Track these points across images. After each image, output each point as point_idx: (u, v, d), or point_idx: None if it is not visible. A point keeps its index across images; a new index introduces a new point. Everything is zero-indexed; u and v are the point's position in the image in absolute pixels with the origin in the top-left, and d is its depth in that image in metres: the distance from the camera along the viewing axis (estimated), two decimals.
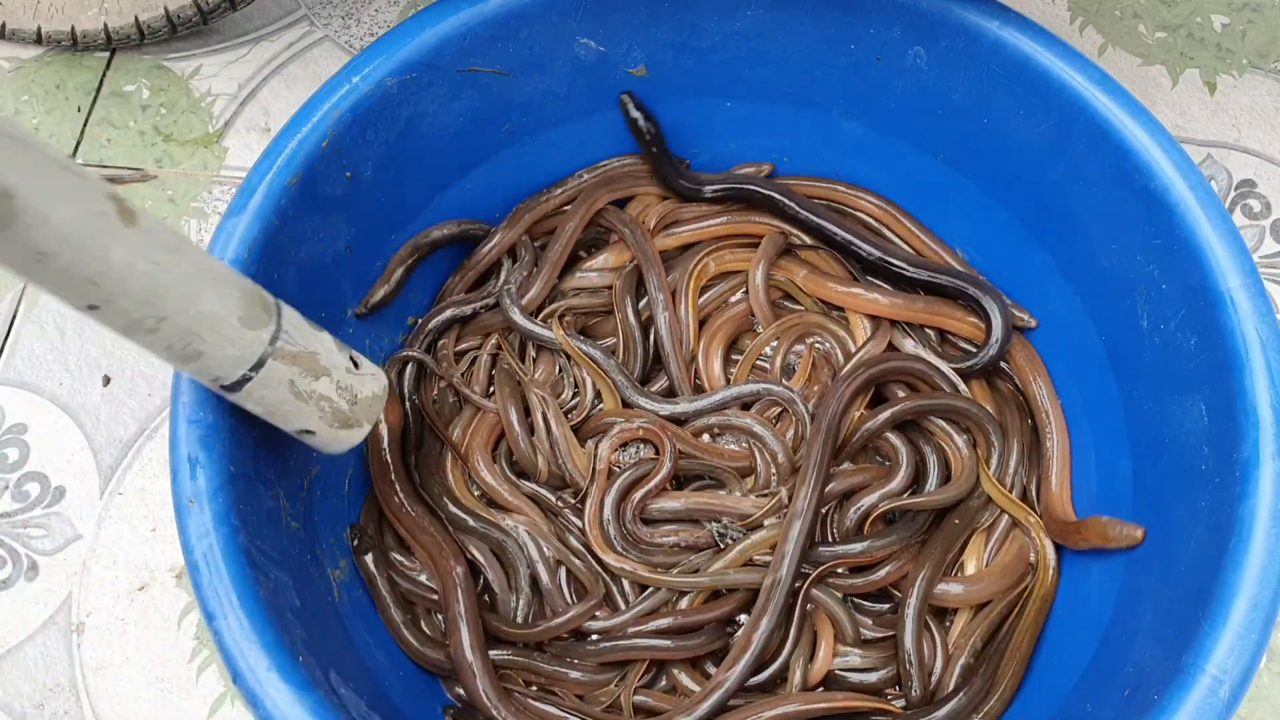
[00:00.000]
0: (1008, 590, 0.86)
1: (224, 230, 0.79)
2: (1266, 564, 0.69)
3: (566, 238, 0.96)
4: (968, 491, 0.89)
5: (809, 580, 0.85)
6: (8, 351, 1.07)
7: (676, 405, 0.91)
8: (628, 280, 0.96)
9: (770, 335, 0.95)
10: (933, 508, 0.88)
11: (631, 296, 0.96)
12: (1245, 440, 0.72)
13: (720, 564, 0.85)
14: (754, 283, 0.96)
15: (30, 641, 0.95)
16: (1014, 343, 0.94)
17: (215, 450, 0.72)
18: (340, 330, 0.89)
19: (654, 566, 0.85)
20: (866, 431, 0.90)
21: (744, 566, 0.86)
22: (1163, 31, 1.25)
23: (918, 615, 0.84)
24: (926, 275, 0.95)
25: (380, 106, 0.85)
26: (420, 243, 0.93)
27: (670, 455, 0.87)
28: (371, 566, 0.86)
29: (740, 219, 0.99)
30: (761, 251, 0.97)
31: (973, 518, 0.88)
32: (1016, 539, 0.89)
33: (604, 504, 0.87)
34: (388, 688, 0.80)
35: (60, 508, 1.00)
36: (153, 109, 1.19)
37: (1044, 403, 0.92)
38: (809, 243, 0.99)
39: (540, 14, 0.88)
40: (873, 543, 0.86)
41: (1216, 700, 0.66)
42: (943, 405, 0.91)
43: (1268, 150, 1.18)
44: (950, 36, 0.88)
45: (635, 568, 0.85)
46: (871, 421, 0.90)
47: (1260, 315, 0.75)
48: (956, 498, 0.88)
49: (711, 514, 0.88)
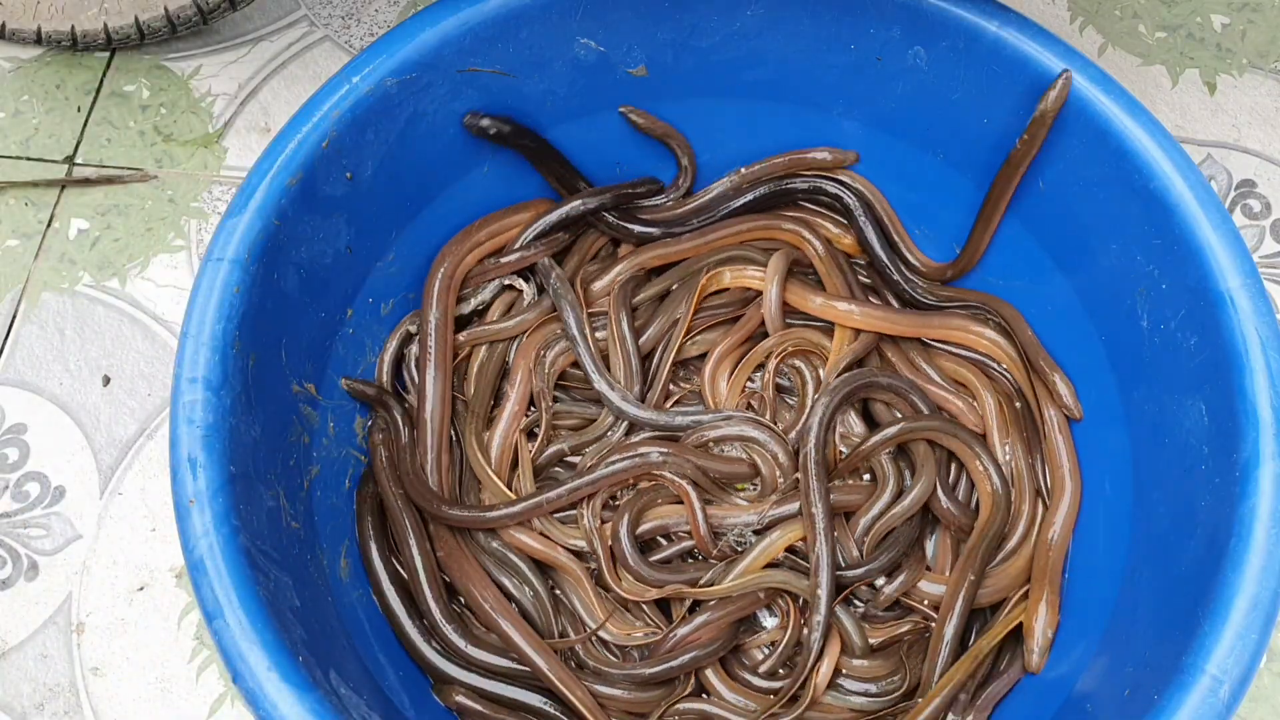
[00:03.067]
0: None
1: (224, 230, 0.79)
2: (1266, 564, 0.69)
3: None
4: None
5: (839, 597, 0.85)
6: (8, 351, 1.07)
7: (673, 418, 0.91)
8: (623, 291, 0.96)
9: (766, 349, 0.95)
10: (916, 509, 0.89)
11: (626, 309, 0.95)
12: (1245, 440, 0.72)
13: (745, 564, 0.86)
14: (769, 299, 0.95)
15: (30, 641, 0.95)
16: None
17: (215, 450, 0.72)
18: (340, 330, 0.89)
19: (691, 582, 0.86)
20: (859, 455, 0.90)
21: (771, 568, 0.86)
22: (1163, 31, 1.25)
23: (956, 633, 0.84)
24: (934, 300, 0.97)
25: (380, 106, 0.85)
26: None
27: (700, 515, 0.87)
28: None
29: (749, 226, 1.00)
30: (773, 267, 0.96)
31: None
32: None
33: (623, 566, 0.87)
34: (388, 688, 0.80)
35: (60, 508, 1.00)
36: (153, 109, 1.19)
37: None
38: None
39: (540, 14, 0.88)
40: (890, 556, 0.86)
41: (1216, 700, 0.66)
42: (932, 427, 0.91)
43: (1268, 150, 1.18)
44: (950, 36, 0.88)
45: (679, 588, 0.85)
46: (865, 444, 0.90)
47: (1260, 315, 0.75)
48: (922, 496, 0.88)
49: (719, 528, 0.88)
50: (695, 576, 0.86)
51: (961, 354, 0.96)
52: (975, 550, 0.86)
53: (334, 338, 0.89)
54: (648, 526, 0.88)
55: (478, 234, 0.96)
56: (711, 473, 0.88)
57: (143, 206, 1.14)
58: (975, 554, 0.86)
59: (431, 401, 0.89)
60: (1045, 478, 0.91)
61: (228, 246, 0.78)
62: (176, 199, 1.14)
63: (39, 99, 1.20)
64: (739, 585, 0.84)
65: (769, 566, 0.86)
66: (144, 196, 1.14)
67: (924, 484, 0.88)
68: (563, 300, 0.93)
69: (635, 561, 0.85)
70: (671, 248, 0.99)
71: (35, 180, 1.15)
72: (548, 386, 0.93)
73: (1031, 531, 0.89)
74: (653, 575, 0.85)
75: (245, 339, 0.77)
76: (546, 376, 0.93)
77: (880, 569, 0.86)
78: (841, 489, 0.90)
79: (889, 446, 0.90)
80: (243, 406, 0.76)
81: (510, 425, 0.91)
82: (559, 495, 0.86)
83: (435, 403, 0.89)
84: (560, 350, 0.94)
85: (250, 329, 0.78)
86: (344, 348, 0.90)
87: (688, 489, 0.87)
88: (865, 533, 0.88)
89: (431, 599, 0.84)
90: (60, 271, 1.10)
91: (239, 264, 0.78)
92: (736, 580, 0.85)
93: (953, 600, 0.84)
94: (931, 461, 0.90)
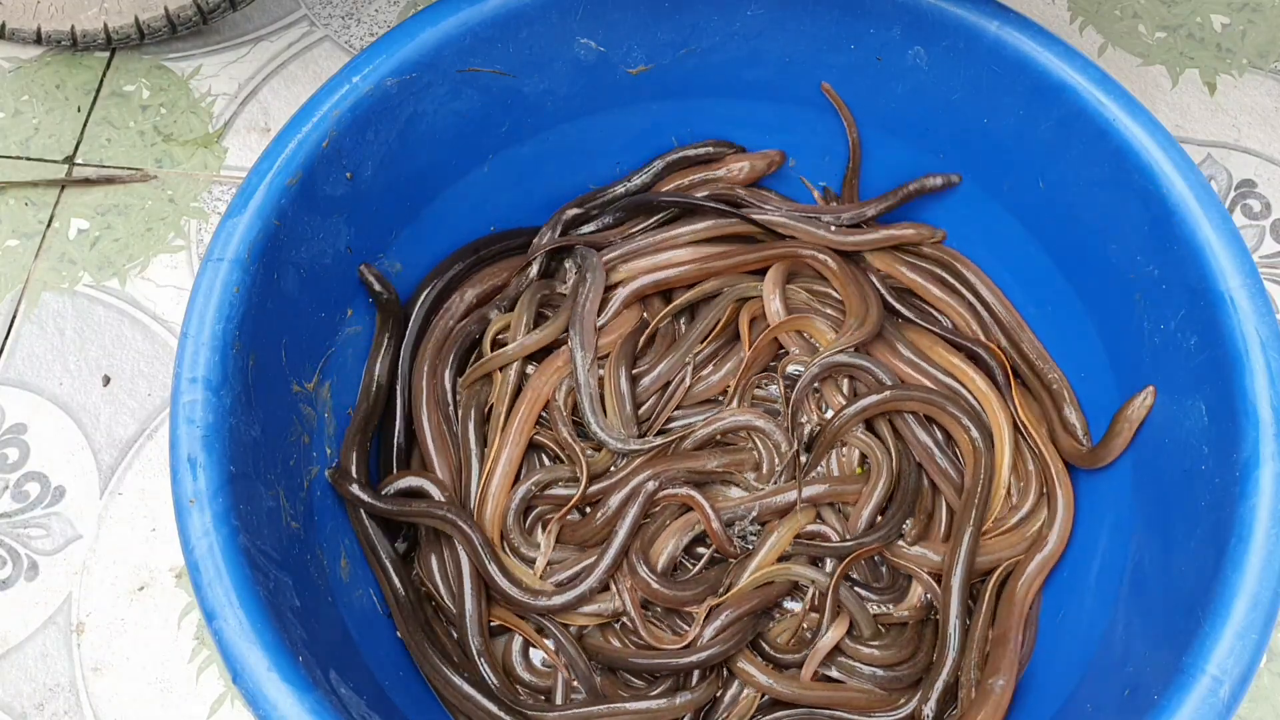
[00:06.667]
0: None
1: (224, 230, 0.79)
2: (1266, 564, 0.69)
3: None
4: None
5: (842, 566, 0.86)
6: (8, 351, 1.07)
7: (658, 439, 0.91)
8: (624, 348, 0.95)
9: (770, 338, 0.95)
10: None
11: (626, 365, 0.93)
12: (1245, 440, 0.72)
13: (758, 559, 0.86)
14: (770, 310, 0.95)
15: (30, 641, 0.95)
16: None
17: (215, 450, 0.72)
18: (339, 330, 0.89)
19: (706, 591, 0.86)
20: (834, 428, 0.90)
21: (783, 563, 0.87)
22: (1163, 31, 1.25)
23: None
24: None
25: (380, 106, 0.85)
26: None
27: (714, 517, 0.87)
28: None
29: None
30: (771, 281, 0.95)
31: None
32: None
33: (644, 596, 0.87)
34: (388, 687, 0.80)
35: (60, 508, 1.00)
36: (153, 109, 1.19)
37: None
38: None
39: (540, 14, 0.88)
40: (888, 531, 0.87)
41: (1216, 700, 0.66)
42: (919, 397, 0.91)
43: (1268, 150, 1.18)
44: (950, 36, 0.88)
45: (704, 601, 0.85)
46: (843, 414, 0.90)
47: (1260, 315, 0.75)
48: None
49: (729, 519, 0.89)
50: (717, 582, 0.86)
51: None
52: (972, 495, 0.87)
53: (334, 338, 0.89)
54: (664, 561, 0.87)
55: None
56: (702, 471, 0.89)
57: (143, 206, 1.14)
58: (971, 501, 0.87)
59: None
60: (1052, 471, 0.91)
61: (228, 246, 0.78)
62: (176, 199, 1.14)
63: (39, 99, 1.20)
64: (756, 580, 0.85)
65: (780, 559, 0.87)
66: (144, 196, 1.14)
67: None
68: (575, 332, 0.93)
69: (660, 585, 0.85)
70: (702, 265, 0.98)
71: (35, 180, 1.15)
72: (570, 430, 0.92)
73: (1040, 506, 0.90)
74: (678, 595, 0.85)
75: (245, 339, 0.77)
76: (565, 416, 0.92)
77: (888, 535, 0.87)
78: (839, 479, 0.90)
79: (866, 416, 0.91)
80: (243, 406, 0.76)
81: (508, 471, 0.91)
82: (601, 576, 0.85)
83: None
84: (569, 390, 0.93)
85: (250, 329, 0.78)
86: (344, 348, 0.90)
87: (694, 495, 0.87)
88: (869, 525, 0.88)
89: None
90: (60, 271, 1.10)
91: (239, 264, 0.78)
92: (751, 576, 0.85)
93: (954, 554, 0.85)
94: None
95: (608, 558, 0.85)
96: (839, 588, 0.85)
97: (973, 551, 0.85)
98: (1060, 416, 0.90)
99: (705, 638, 0.84)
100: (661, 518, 0.89)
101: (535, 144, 0.97)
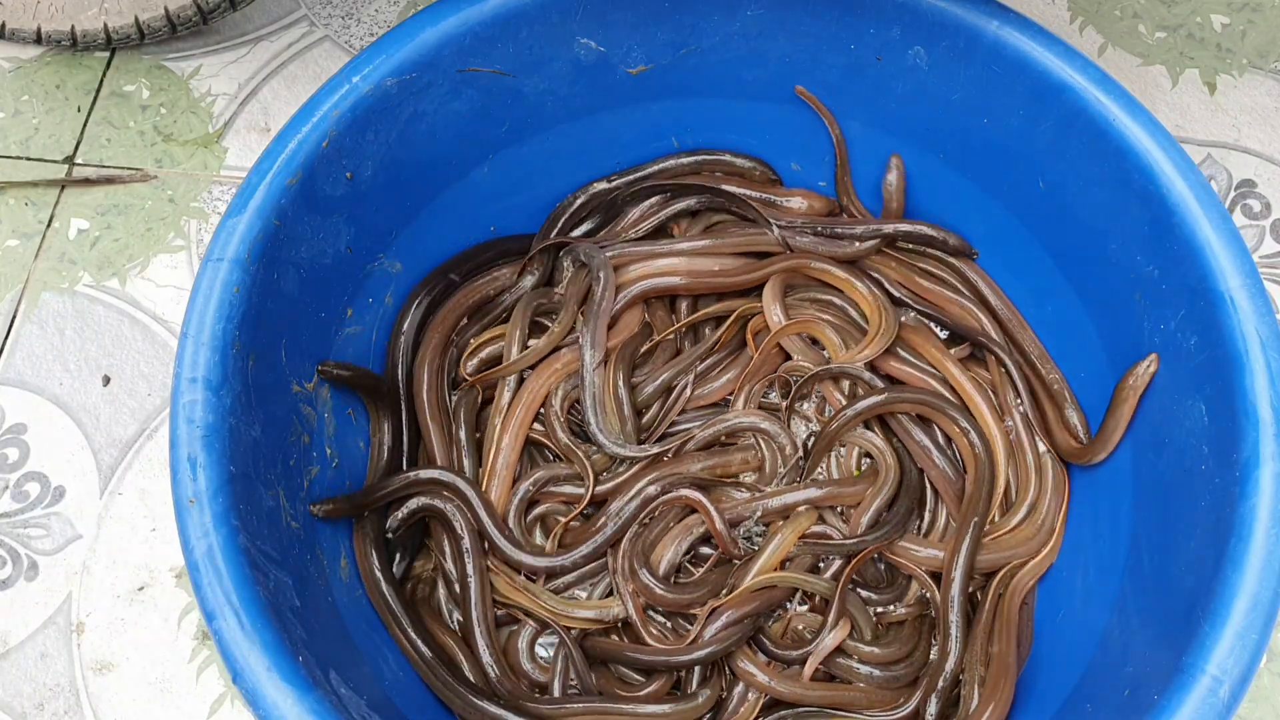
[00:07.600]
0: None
1: (224, 230, 0.79)
2: (1266, 564, 0.69)
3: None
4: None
5: (851, 566, 0.86)
6: (8, 351, 1.07)
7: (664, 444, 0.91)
8: (622, 353, 0.94)
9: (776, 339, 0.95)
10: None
11: (626, 369, 0.93)
12: (1245, 440, 0.72)
13: (761, 562, 0.86)
14: (772, 320, 0.95)
15: (30, 641, 0.95)
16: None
17: (215, 450, 0.72)
18: (339, 330, 0.89)
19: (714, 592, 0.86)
20: (833, 429, 0.91)
21: (787, 565, 0.87)
22: (1163, 31, 1.25)
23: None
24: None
25: (380, 106, 0.85)
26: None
27: (718, 519, 0.87)
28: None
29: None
30: (770, 292, 0.95)
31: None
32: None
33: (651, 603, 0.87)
34: (388, 687, 0.80)
35: (60, 508, 1.00)
36: (153, 109, 1.19)
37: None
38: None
39: (540, 14, 0.88)
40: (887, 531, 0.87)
41: (1216, 700, 0.66)
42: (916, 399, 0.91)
43: (1268, 150, 1.18)
44: (950, 36, 0.88)
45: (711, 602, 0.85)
46: (842, 415, 0.90)
47: (1260, 315, 0.75)
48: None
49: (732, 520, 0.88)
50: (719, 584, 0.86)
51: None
52: (973, 500, 0.87)
53: (334, 338, 0.89)
54: (665, 566, 0.87)
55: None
56: (704, 474, 0.89)
57: (143, 206, 1.14)
58: (973, 503, 0.87)
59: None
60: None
61: (228, 246, 0.78)
62: (176, 199, 1.14)
63: (39, 99, 1.20)
64: (759, 583, 0.85)
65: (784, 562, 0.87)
66: (144, 196, 1.14)
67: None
68: (585, 332, 0.92)
69: (663, 590, 0.85)
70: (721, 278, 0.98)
71: (35, 180, 1.15)
72: (568, 434, 0.92)
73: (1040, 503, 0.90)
74: (681, 598, 0.85)
75: (245, 339, 0.77)
76: (561, 421, 0.92)
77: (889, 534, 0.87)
78: (842, 482, 0.90)
79: (865, 417, 0.91)
80: (243, 406, 0.76)
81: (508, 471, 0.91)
82: (601, 544, 0.87)
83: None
84: (565, 394, 0.93)
85: (250, 329, 0.78)
86: (344, 348, 0.90)
87: (698, 497, 0.87)
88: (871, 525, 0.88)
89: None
90: (60, 271, 1.10)
91: (239, 264, 0.78)
92: (754, 579, 0.85)
93: (954, 554, 0.85)
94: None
95: (610, 528, 0.86)
96: (845, 593, 0.85)
97: (973, 550, 0.85)
98: (1061, 416, 0.90)
99: (705, 637, 0.84)
100: (663, 521, 0.89)
101: (535, 144, 0.97)
